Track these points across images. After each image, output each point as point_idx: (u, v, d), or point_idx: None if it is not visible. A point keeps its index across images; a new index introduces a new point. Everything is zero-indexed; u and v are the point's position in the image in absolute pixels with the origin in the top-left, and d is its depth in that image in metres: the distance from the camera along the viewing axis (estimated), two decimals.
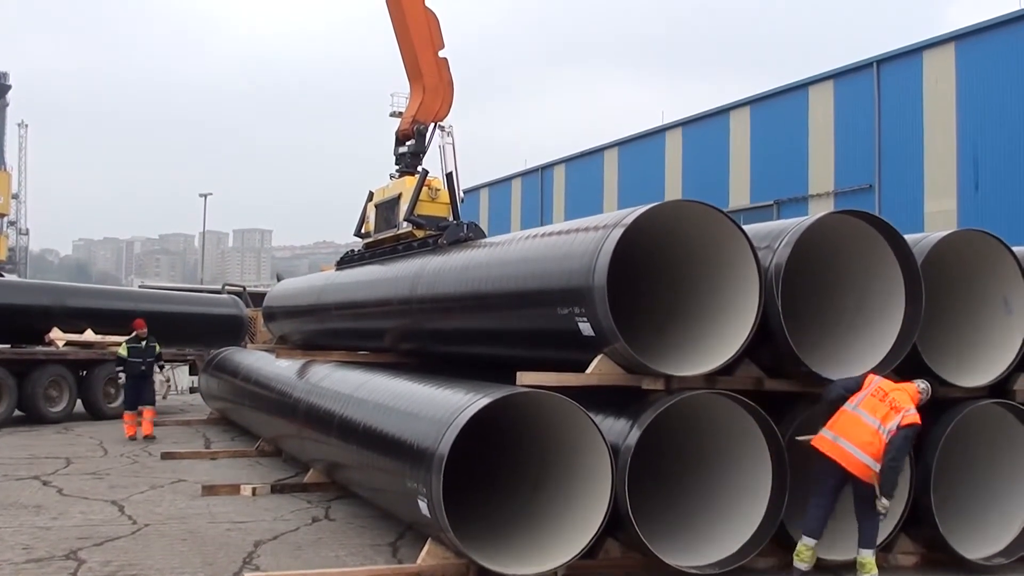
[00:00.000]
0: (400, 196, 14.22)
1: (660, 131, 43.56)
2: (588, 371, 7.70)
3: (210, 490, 11.26)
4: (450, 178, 14.03)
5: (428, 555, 7.51)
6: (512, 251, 9.65)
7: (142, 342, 16.85)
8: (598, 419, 7.46)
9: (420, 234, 13.34)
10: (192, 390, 24.73)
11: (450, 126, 15.20)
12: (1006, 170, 27.67)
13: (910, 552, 8.33)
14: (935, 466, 7.97)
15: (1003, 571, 8.33)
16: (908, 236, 8.39)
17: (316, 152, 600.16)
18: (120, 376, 16.79)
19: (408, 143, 15.21)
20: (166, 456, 14.24)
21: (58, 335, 19.60)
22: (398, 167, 15.35)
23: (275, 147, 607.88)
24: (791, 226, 8.08)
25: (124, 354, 16.72)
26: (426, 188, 13.74)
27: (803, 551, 7.41)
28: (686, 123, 42.03)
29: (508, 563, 7.28)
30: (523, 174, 55.27)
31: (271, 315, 19.21)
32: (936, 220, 28.44)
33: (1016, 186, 27.26)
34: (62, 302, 20.63)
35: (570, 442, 7.67)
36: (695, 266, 8.48)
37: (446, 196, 13.83)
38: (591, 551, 7.32)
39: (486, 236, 12.11)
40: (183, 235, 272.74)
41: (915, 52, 31.21)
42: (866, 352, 8.23)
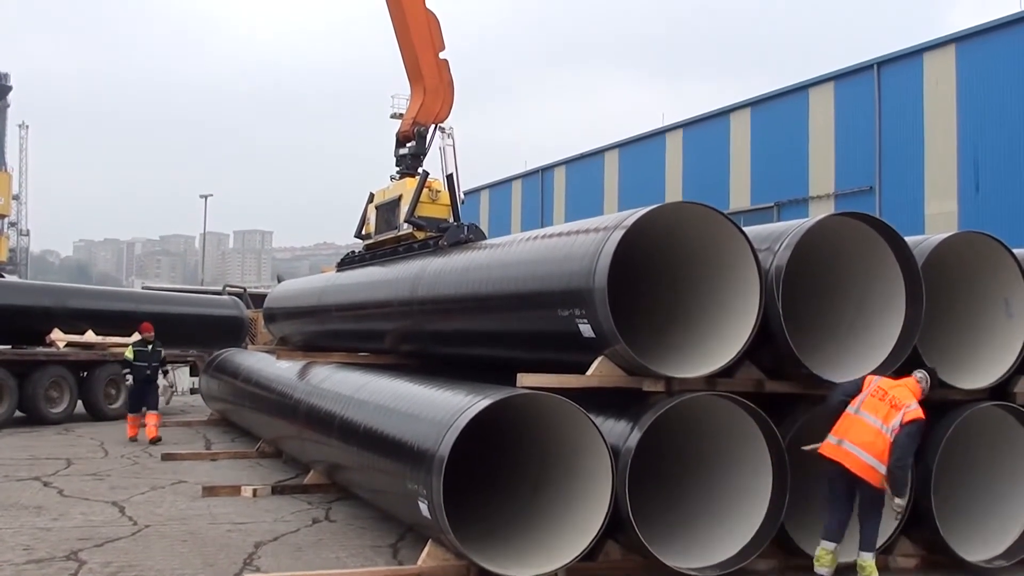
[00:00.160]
0: (401, 198, 14.23)
1: (660, 133, 43.60)
2: (588, 373, 7.70)
3: (211, 491, 11.26)
4: (450, 180, 14.04)
5: (428, 556, 7.52)
6: (513, 253, 9.65)
7: (148, 345, 16.77)
8: (598, 421, 7.47)
9: (421, 236, 13.35)
10: (193, 391, 24.74)
11: (450, 128, 15.24)
12: (1007, 172, 27.68)
13: (910, 554, 8.32)
14: (936, 468, 7.97)
15: (1004, 574, 8.31)
16: (909, 238, 8.39)
17: (317, 153, 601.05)
18: (127, 379, 16.74)
19: (409, 145, 15.23)
20: (167, 457, 14.24)
21: (59, 336, 19.62)
22: (398, 169, 15.37)
23: (275, 148, 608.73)
24: (792, 228, 8.08)
25: (130, 357, 16.64)
26: (426, 190, 13.75)
27: (823, 555, 7.40)
28: (686, 125, 42.08)
29: (508, 565, 7.28)
30: (523, 176, 55.32)
31: (272, 316, 19.23)
32: (937, 222, 28.45)
33: (1017, 188, 27.27)
34: (63, 303, 20.65)
35: (570, 444, 7.68)
36: (696, 268, 8.48)
37: (446, 198, 13.83)
38: (591, 553, 7.33)
39: (486, 238, 12.11)
40: (184, 236, 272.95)
41: (916, 54, 31.24)
42: (867, 354, 8.23)
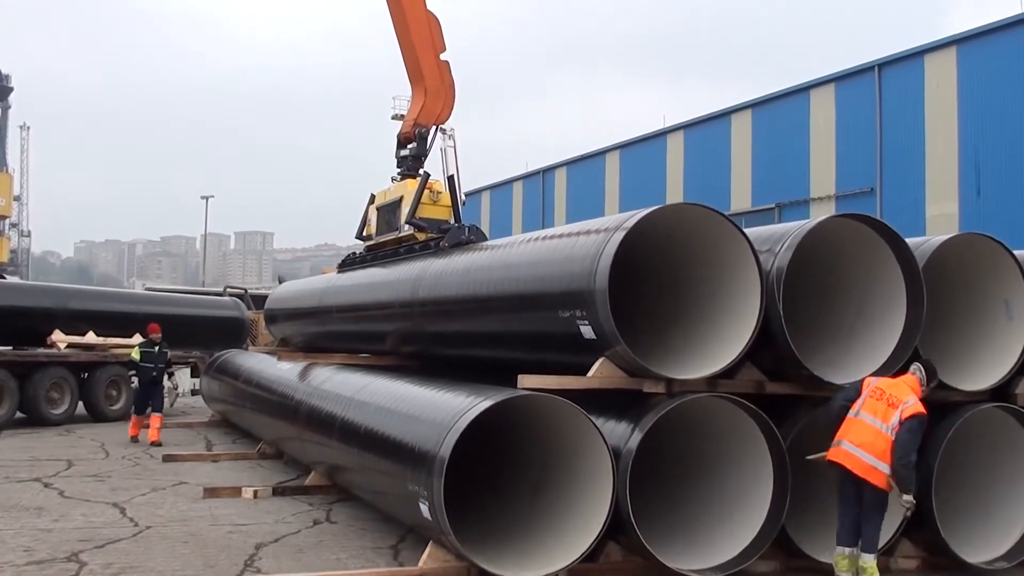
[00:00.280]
0: (402, 199, 14.24)
1: (661, 134, 43.56)
2: (589, 374, 7.70)
3: (211, 492, 11.26)
4: (451, 181, 14.04)
5: (429, 558, 7.53)
6: (513, 254, 9.65)
7: (155, 346, 16.70)
8: (599, 422, 7.47)
9: (421, 237, 13.35)
10: (194, 392, 24.75)
11: (451, 129, 15.24)
12: (1007, 174, 27.66)
13: (911, 556, 8.32)
14: (936, 469, 7.96)
15: (1005, 575, 8.32)
16: (909, 240, 8.39)
17: (317, 154, 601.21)
18: (132, 380, 16.67)
19: (409, 146, 15.25)
20: (167, 458, 14.24)
21: (60, 337, 19.63)
22: (399, 170, 15.38)
23: (276, 149, 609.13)
24: (792, 229, 8.08)
25: (137, 358, 16.61)
26: (427, 191, 13.76)
27: (839, 560, 7.36)
28: (687, 126, 42.05)
29: (509, 566, 7.28)
30: (524, 177, 55.29)
31: (272, 317, 19.24)
32: (938, 224, 28.44)
33: (1017, 190, 27.25)
34: (64, 304, 20.66)
35: (571, 445, 7.68)
36: (696, 269, 8.48)
37: (447, 199, 13.84)
38: (592, 554, 7.32)
39: (487, 239, 12.11)
40: (184, 237, 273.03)
41: (916, 55, 31.22)
42: (867, 355, 8.23)
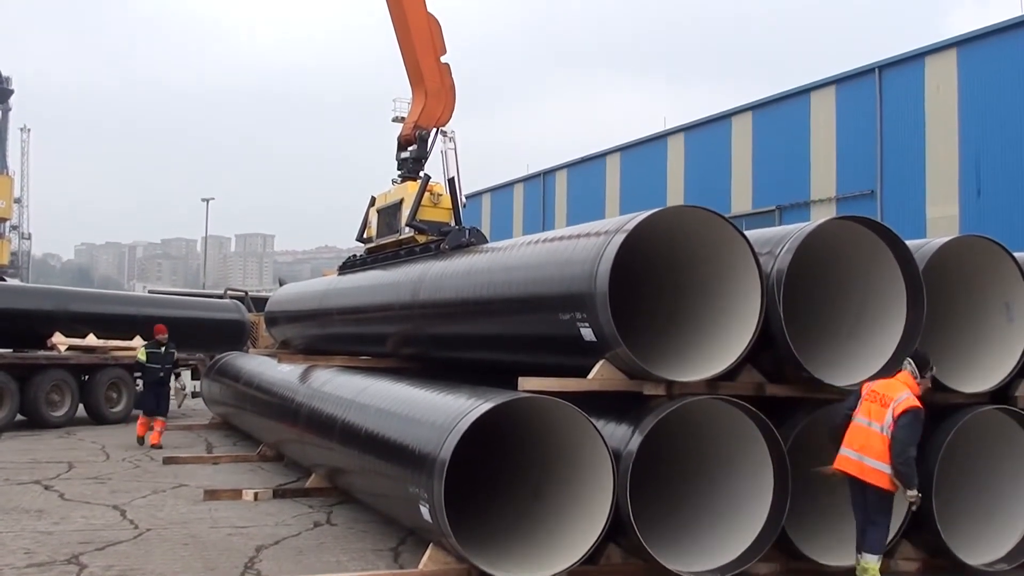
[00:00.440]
0: (402, 201, 14.24)
1: (662, 136, 43.59)
2: (590, 376, 7.70)
3: (212, 495, 11.26)
4: (452, 183, 14.05)
5: (430, 560, 7.52)
6: (514, 256, 9.66)
7: (161, 347, 16.54)
8: (600, 424, 7.47)
9: (422, 239, 13.36)
10: (194, 395, 24.76)
11: (452, 131, 15.24)
12: (1008, 176, 27.67)
13: (912, 558, 8.31)
14: (937, 471, 7.96)
15: None
16: (910, 242, 8.39)
17: (318, 157, 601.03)
18: (137, 382, 16.60)
19: (410, 148, 15.24)
20: (168, 461, 14.24)
21: (60, 339, 19.63)
22: (400, 172, 15.38)
23: (277, 152, 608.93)
24: (793, 232, 8.09)
25: (143, 359, 16.50)
26: (428, 193, 13.76)
27: (872, 570, 7.35)
28: (688, 128, 42.07)
29: (510, 568, 7.29)
30: (525, 179, 55.31)
31: (273, 320, 19.25)
32: (938, 226, 28.45)
33: (1018, 191, 27.25)
34: (64, 307, 20.66)
35: (572, 447, 7.68)
36: (697, 271, 8.49)
37: (448, 201, 13.84)
38: (593, 557, 7.32)
39: (488, 241, 12.12)
40: (185, 240, 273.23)
41: (917, 58, 31.23)
42: (868, 358, 8.23)
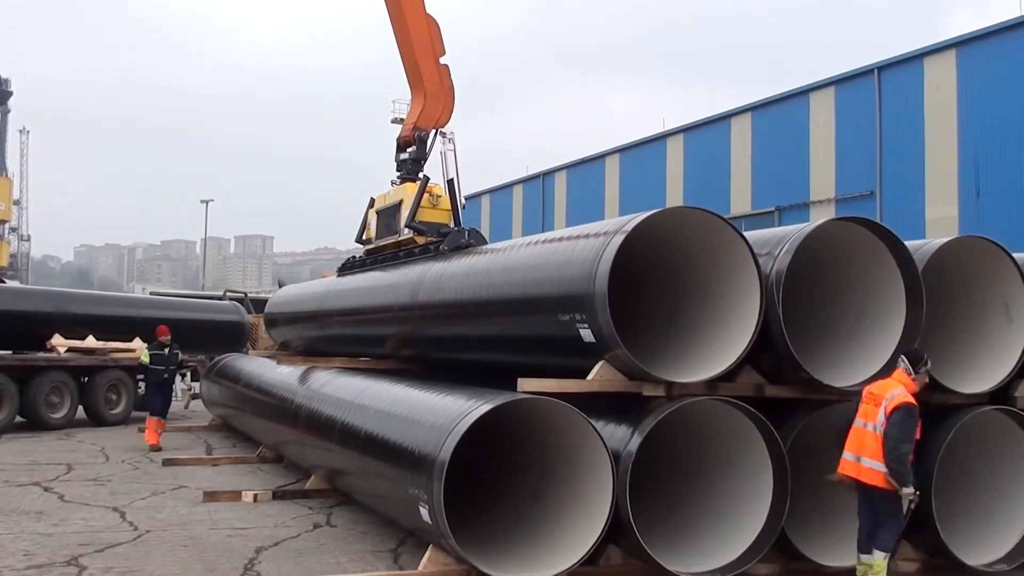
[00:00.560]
0: (401, 203, 14.23)
1: (661, 137, 43.58)
2: (589, 377, 7.70)
3: (211, 496, 11.26)
4: (451, 184, 14.05)
5: (429, 561, 7.52)
6: (513, 258, 9.66)
7: (165, 349, 16.50)
8: (599, 425, 7.47)
9: (421, 241, 13.35)
10: (194, 396, 24.75)
11: (451, 132, 15.27)
12: (1007, 176, 27.67)
13: (911, 559, 8.32)
14: (936, 472, 7.96)
15: None
16: (909, 242, 8.40)
17: (318, 157, 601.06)
18: (139, 385, 16.51)
19: (409, 149, 15.23)
20: (167, 462, 14.24)
21: (60, 341, 19.63)
22: (399, 174, 15.37)
23: (277, 152, 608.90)
24: (792, 233, 8.09)
25: (147, 361, 16.42)
26: (427, 194, 13.75)
27: (858, 567, 7.38)
28: (688, 129, 42.07)
29: (509, 569, 7.29)
30: (524, 180, 55.31)
31: (272, 321, 19.25)
32: (937, 226, 28.45)
33: (1017, 192, 27.25)
34: (64, 308, 20.67)
35: (571, 448, 7.68)
36: (696, 272, 8.49)
37: (447, 202, 13.84)
38: (592, 558, 7.32)
39: (487, 243, 12.12)
40: (184, 241, 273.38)
41: (916, 59, 31.24)
42: (867, 358, 8.23)
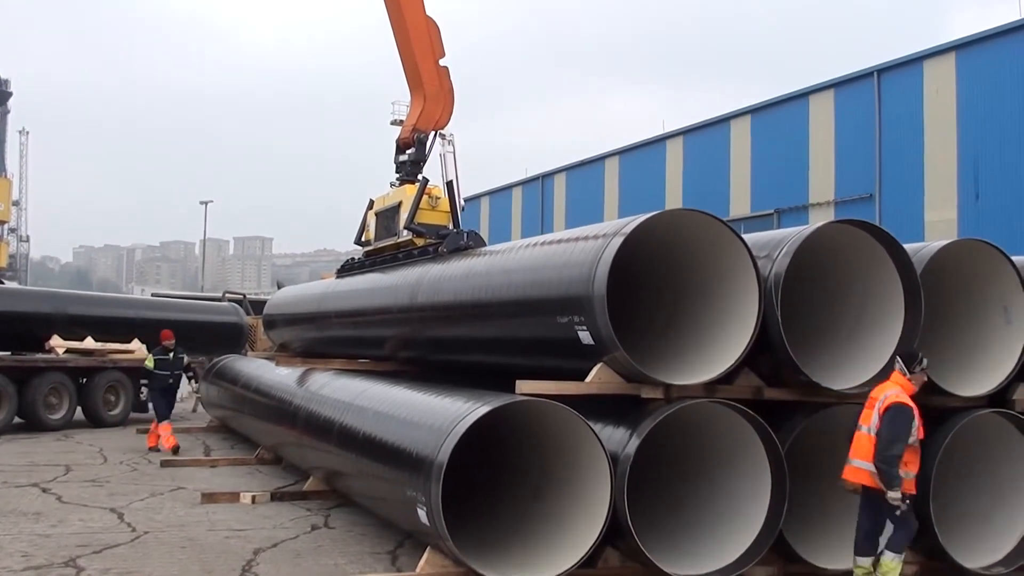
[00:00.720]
0: (400, 204, 14.25)
1: (661, 140, 43.57)
2: (587, 380, 7.70)
3: (209, 498, 11.25)
4: (450, 186, 14.06)
5: (427, 563, 7.52)
6: (512, 260, 9.67)
7: (169, 353, 16.28)
8: (597, 428, 7.47)
9: (420, 242, 13.37)
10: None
11: (451, 134, 15.24)
12: (1006, 179, 27.67)
13: (910, 561, 8.26)
14: (934, 475, 7.96)
15: None
16: (908, 245, 8.40)
17: (318, 157, 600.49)
18: (143, 390, 16.38)
19: (408, 151, 15.25)
20: (166, 464, 14.24)
21: (58, 342, 19.62)
22: (398, 175, 15.39)
23: (276, 154, 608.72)
24: (791, 235, 8.09)
25: (151, 366, 16.22)
26: (426, 196, 13.77)
27: (857, 571, 7.39)
28: (687, 132, 42.04)
29: (507, 571, 7.28)
30: (524, 182, 55.29)
31: (271, 323, 19.25)
32: (936, 229, 28.44)
33: (1016, 195, 27.25)
34: (62, 309, 20.66)
35: (569, 451, 7.68)
36: (695, 275, 8.49)
37: (446, 204, 13.85)
38: (590, 560, 7.32)
39: (486, 244, 12.14)
40: (184, 242, 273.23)
41: (915, 61, 31.23)
42: (865, 361, 8.23)
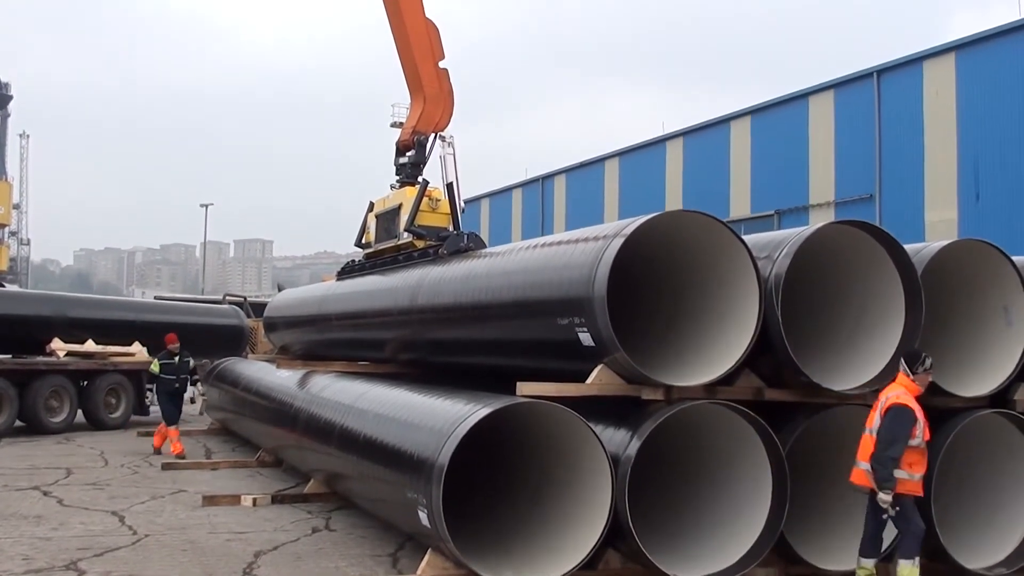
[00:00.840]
0: (400, 206, 14.25)
1: (661, 141, 43.57)
2: (588, 381, 7.70)
3: (210, 500, 11.25)
4: (450, 188, 14.07)
5: (428, 565, 7.51)
6: (512, 261, 9.67)
7: (175, 358, 16.19)
8: (598, 429, 7.46)
9: (420, 244, 13.37)
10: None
11: (450, 136, 15.25)
12: (1007, 180, 27.65)
13: None
14: (935, 476, 7.95)
15: None
16: (908, 246, 8.39)
17: (318, 157, 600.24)
18: (147, 395, 16.33)
19: (408, 153, 15.26)
20: (166, 467, 14.24)
21: (59, 345, 19.62)
22: (398, 177, 15.39)
23: (276, 157, 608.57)
24: (791, 236, 8.09)
25: (156, 371, 16.19)
26: (426, 198, 13.78)
27: (858, 571, 7.41)
28: (687, 133, 42.03)
29: (508, 573, 7.29)
30: (524, 184, 55.28)
31: (272, 325, 19.25)
32: (937, 230, 28.42)
33: (1017, 196, 27.23)
34: (63, 312, 20.65)
35: (570, 452, 7.67)
36: (695, 276, 8.49)
37: (446, 206, 13.86)
38: (591, 562, 7.31)
39: (486, 246, 12.14)
40: (184, 245, 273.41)
41: (915, 62, 31.23)
42: (866, 362, 8.23)
